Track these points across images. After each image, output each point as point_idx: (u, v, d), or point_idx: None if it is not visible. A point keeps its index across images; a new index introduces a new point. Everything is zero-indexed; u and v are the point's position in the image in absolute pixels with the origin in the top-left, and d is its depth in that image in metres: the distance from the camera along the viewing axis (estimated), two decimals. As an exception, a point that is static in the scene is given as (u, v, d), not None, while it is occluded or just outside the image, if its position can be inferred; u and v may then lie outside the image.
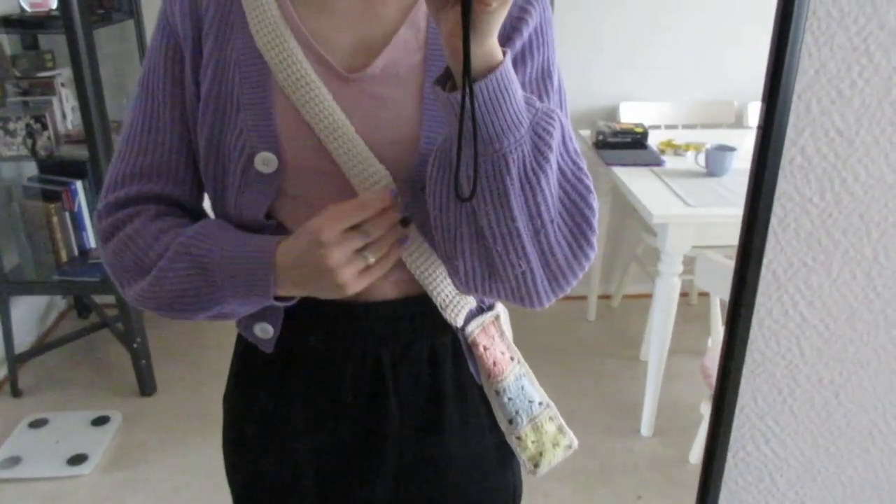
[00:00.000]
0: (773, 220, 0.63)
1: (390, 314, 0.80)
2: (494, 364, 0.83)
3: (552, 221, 0.66)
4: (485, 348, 0.82)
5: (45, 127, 2.23)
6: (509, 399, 0.84)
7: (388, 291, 0.80)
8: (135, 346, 2.36)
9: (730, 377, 0.64)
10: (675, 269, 2.10)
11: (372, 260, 0.69)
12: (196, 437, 2.22)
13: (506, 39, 0.74)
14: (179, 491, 2.02)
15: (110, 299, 2.45)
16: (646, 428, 2.27)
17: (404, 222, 0.72)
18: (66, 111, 2.36)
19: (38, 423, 2.24)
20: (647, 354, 2.32)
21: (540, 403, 0.86)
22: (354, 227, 0.68)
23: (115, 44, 2.61)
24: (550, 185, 0.64)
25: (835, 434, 0.72)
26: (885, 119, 0.61)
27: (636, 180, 2.23)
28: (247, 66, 0.74)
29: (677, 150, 2.46)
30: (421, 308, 0.80)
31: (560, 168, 0.65)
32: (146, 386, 2.41)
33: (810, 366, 0.70)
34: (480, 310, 0.83)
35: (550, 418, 0.87)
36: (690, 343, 2.64)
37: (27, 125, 2.21)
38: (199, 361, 2.63)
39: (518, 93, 0.62)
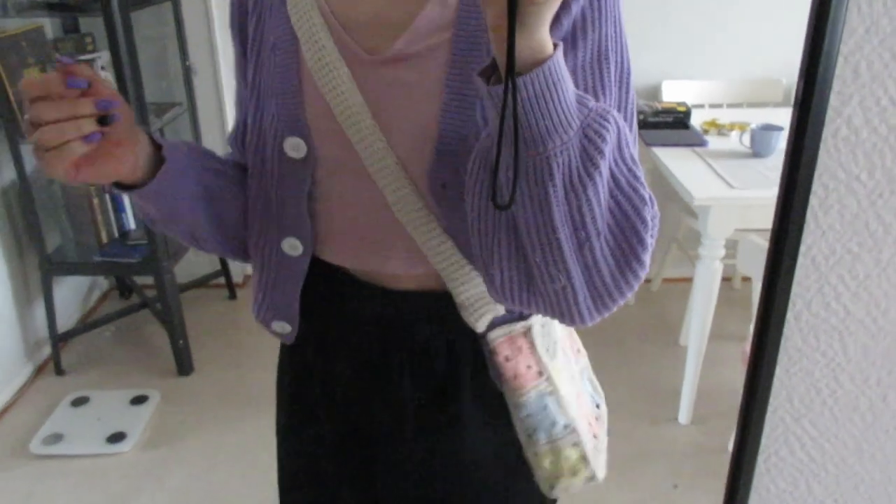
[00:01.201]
0: (813, 201, 0.57)
1: (409, 306, 0.78)
2: (515, 377, 0.77)
3: (599, 235, 0.60)
4: (506, 358, 0.77)
5: (84, 110, 2.25)
6: (528, 415, 0.78)
7: (409, 283, 0.78)
8: (172, 326, 2.39)
9: (761, 376, 0.58)
10: (716, 253, 2.03)
11: (33, 140, 0.63)
12: (232, 416, 2.24)
13: (553, 19, 0.67)
14: (216, 469, 2.04)
15: (150, 280, 2.48)
16: (684, 415, 2.21)
17: (102, 121, 0.64)
18: (105, 94, 2.38)
19: (79, 402, 2.29)
20: (687, 339, 2.26)
21: (565, 427, 0.79)
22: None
23: (153, 27, 2.62)
24: (600, 194, 0.58)
25: (881, 439, 0.65)
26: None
27: (677, 161, 2.16)
28: (281, 48, 0.73)
29: (721, 129, 2.37)
30: (442, 304, 0.76)
31: (613, 176, 0.59)
32: (184, 366, 2.45)
33: (854, 364, 0.63)
34: (510, 318, 0.78)
35: (574, 444, 0.80)
36: (732, 328, 2.57)
37: (67, 108, 2.24)
38: (235, 342, 2.66)
39: (569, 90, 0.56)
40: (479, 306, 0.75)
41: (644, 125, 2.40)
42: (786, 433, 0.66)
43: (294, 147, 0.73)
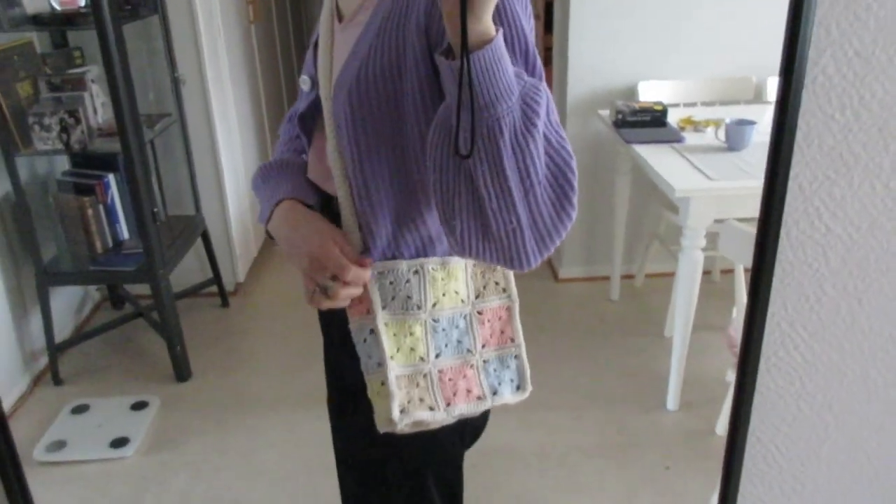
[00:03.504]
0: (799, 136, 0.68)
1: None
2: (350, 305, 0.90)
3: (539, 183, 0.73)
4: None
5: (78, 121, 2.29)
6: (354, 342, 0.91)
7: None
8: (170, 333, 2.43)
9: (761, 286, 0.68)
10: (697, 243, 2.13)
11: (322, 298, 0.88)
12: (232, 420, 2.28)
13: None
14: (219, 471, 2.08)
15: (145, 289, 2.52)
16: (672, 402, 2.30)
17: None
18: (96, 106, 2.42)
19: (79, 409, 2.32)
20: (672, 331, 2.35)
21: (379, 364, 0.89)
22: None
23: (142, 40, 2.67)
24: (539, 148, 0.72)
25: (859, 338, 0.77)
26: (900, 39, 0.66)
27: (657, 157, 2.25)
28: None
29: (697, 126, 2.48)
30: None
31: (546, 136, 0.73)
32: (182, 372, 2.48)
33: (835, 273, 0.75)
34: (377, 257, 0.92)
35: (381, 382, 0.89)
36: (714, 319, 2.67)
37: (61, 120, 2.27)
38: (231, 349, 2.70)
39: (509, 66, 0.70)
40: (352, 231, 0.90)
41: (623, 124, 2.50)
42: (782, 336, 0.76)
43: (303, 82, 0.96)
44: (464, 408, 0.91)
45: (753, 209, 2.15)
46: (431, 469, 1.01)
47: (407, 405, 0.88)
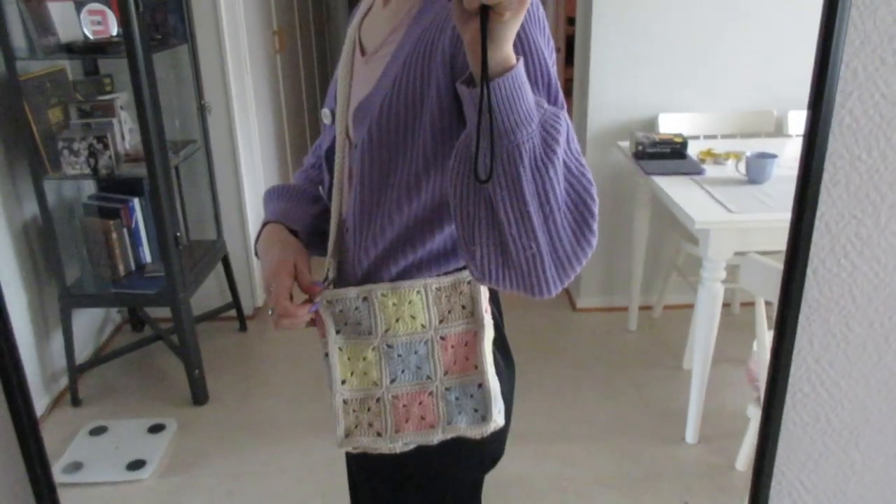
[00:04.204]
0: (825, 177, 0.69)
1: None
2: (320, 325, 0.94)
3: (559, 209, 0.74)
4: (323, 306, 0.94)
5: (106, 147, 2.34)
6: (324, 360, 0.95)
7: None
8: (188, 356, 2.44)
9: (787, 323, 0.68)
10: (717, 276, 2.12)
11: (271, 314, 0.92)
12: (249, 444, 2.28)
13: None
14: (234, 495, 2.08)
15: (165, 312, 2.54)
16: (691, 435, 2.27)
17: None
18: (124, 132, 2.47)
19: (97, 431, 2.33)
20: (690, 363, 2.33)
21: (332, 382, 0.92)
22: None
23: (170, 68, 2.73)
24: (559, 174, 0.73)
25: (886, 376, 0.77)
26: (924, 83, 0.68)
27: (676, 189, 2.26)
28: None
29: (717, 158, 2.48)
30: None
31: (566, 163, 0.74)
32: (199, 395, 2.49)
33: (862, 311, 0.75)
34: (345, 281, 0.96)
35: (345, 402, 0.93)
36: (733, 352, 2.64)
37: (90, 145, 2.32)
38: (248, 373, 2.71)
39: (529, 94, 0.71)
40: (333, 253, 0.94)
41: (643, 155, 2.51)
42: (808, 372, 0.77)
43: (325, 115, 0.99)
44: (413, 436, 0.91)
45: (774, 242, 2.15)
46: (451, 493, 1.00)
47: (353, 430, 0.90)
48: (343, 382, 0.90)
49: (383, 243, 0.90)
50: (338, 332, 0.92)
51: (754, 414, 2.03)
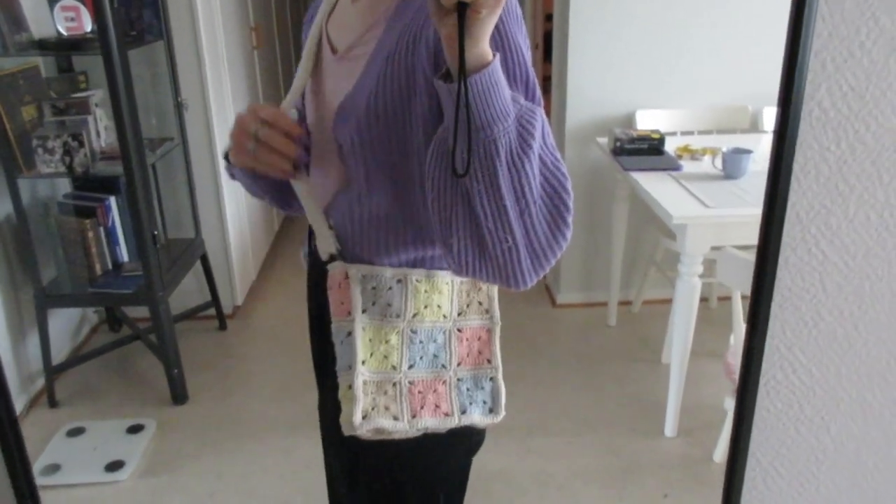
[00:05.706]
0: (796, 167, 0.71)
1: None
2: (332, 308, 0.93)
3: (535, 203, 0.75)
4: (329, 287, 0.93)
5: (81, 145, 2.31)
6: (333, 342, 0.93)
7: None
8: (167, 356, 2.42)
9: (760, 310, 0.69)
10: (695, 270, 2.14)
11: (250, 147, 0.86)
12: (229, 444, 2.27)
13: None
14: (215, 495, 2.07)
15: (142, 312, 2.52)
16: (670, 428, 2.29)
17: (295, 165, 0.89)
18: (99, 130, 2.45)
19: (75, 432, 2.31)
20: (669, 357, 2.35)
21: (349, 366, 0.90)
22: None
23: (146, 65, 2.71)
24: (534, 168, 0.74)
25: (856, 363, 0.79)
26: (892, 75, 0.70)
27: (654, 184, 2.28)
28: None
29: (694, 154, 2.51)
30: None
31: (541, 157, 0.75)
32: (178, 395, 2.47)
33: (832, 300, 0.77)
34: (346, 259, 0.94)
35: (349, 386, 0.90)
36: (711, 346, 2.67)
37: (64, 143, 2.30)
38: (228, 372, 2.69)
39: (505, 89, 0.72)
40: (325, 238, 0.93)
41: (621, 151, 2.53)
42: (781, 360, 0.78)
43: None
44: (429, 422, 0.91)
45: (750, 236, 2.17)
46: (443, 479, 1.01)
47: (371, 412, 0.89)
48: (363, 363, 0.90)
49: (399, 243, 0.90)
50: (363, 311, 0.91)
51: (731, 406, 2.06)
